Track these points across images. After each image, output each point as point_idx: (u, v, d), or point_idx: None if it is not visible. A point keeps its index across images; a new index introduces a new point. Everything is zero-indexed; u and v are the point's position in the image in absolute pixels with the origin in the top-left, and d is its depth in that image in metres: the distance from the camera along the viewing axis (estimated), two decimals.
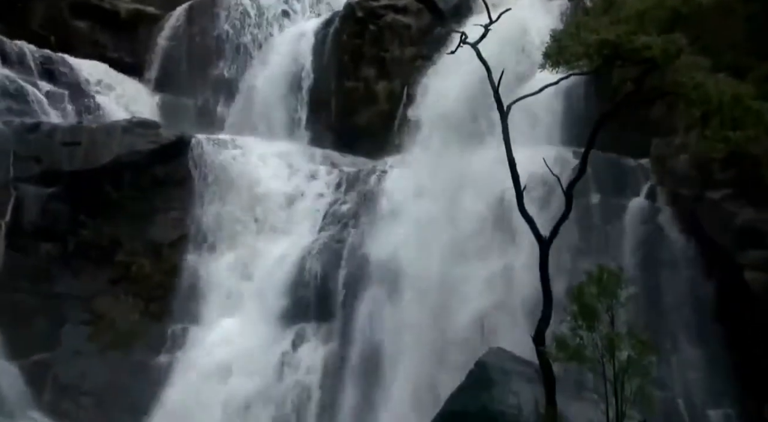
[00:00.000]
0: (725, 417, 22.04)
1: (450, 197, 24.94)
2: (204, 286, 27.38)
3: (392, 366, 23.88)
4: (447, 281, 23.92)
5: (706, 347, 22.61)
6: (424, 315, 23.83)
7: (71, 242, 27.92)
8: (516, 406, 16.96)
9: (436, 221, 24.75)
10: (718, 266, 22.99)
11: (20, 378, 26.16)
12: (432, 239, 24.70)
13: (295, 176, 29.04)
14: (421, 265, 24.54)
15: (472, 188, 24.68)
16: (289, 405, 24.95)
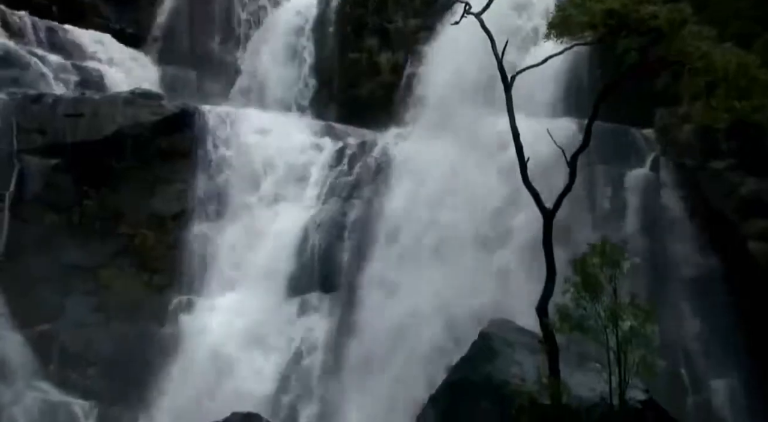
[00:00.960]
0: (728, 387, 22.18)
1: (455, 168, 24.90)
2: (208, 258, 27.42)
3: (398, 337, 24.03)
4: (452, 253, 23.96)
5: (709, 317, 22.71)
6: (429, 286, 23.90)
7: (75, 214, 27.96)
8: (519, 376, 17.03)
9: (442, 192, 24.73)
10: (721, 236, 23.04)
11: (26, 348, 26.32)
12: (438, 210, 24.71)
13: (299, 148, 28.96)
14: (427, 237, 24.58)
15: (477, 159, 24.63)
16: (293, 373, 25.11)
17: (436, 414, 17.35)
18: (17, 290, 26.47)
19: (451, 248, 24.27)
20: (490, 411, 16.83)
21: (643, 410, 16.66)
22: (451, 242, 24.36)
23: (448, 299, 23.34)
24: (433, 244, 24.72)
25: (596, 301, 15.95)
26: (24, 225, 27.31)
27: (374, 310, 24.62)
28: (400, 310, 24.14)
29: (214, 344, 25.69)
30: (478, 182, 24.62)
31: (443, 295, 23.47)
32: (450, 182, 25.07)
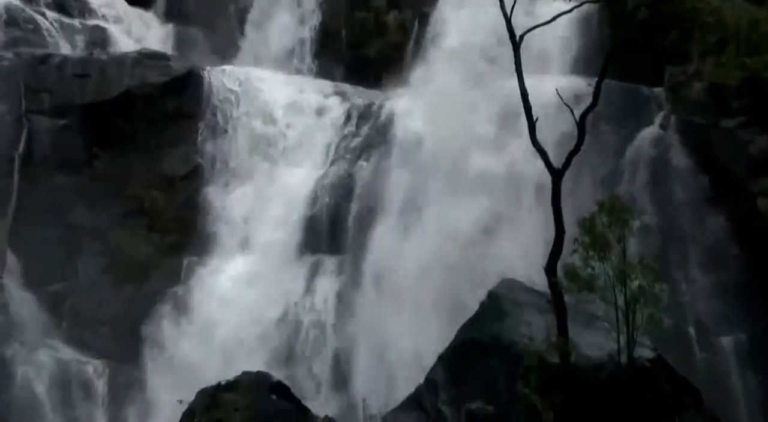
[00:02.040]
0: (736, 343, 22.24)
1: (463, 129, 24.81)
2: (217, 219, 27.47)
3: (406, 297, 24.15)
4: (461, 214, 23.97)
5: (718, 274, 22.74)
6: (438, 246, 23.95)
7: (85, 175, 28.00)
8: (528, 336, 17.13)
9: (450, 152, 24.68)
10: (730, 194, 22.99)
11: (38, 308, 26.53)
12: (446, 172, 24.68)
13: (306, 108, 28.87)
14: (435, 198, 24.58)
15: (486, 120, 24.55)
16: (303, 333, 25.27)
17: (445, 373, 17.48)
18: (28, 251, 26.61)
19: (457, 207, 24.28)
20: (498, 370, 16.96)
21: (650, 368, 16.77)
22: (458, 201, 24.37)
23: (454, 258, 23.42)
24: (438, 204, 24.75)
25: (604, 260, 16.03)
26: (34, 186, 27.38)
27: (382, 271, 24.77)
28: (408, 271, 24.28)
29: (225, 304, 25.85)
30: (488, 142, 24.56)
31: (450, 255, 23.56)
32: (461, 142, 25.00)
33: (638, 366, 16.25)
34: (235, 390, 15.33)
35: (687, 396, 16.84)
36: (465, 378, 17.23)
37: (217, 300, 25.98)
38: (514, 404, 16.44)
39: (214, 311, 25.81)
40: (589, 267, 15.95)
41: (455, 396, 16.96)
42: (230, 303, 25.77)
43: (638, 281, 16.04)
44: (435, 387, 17.29)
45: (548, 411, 15.99)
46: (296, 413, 14.97)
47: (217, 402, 15.25)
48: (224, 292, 26.06)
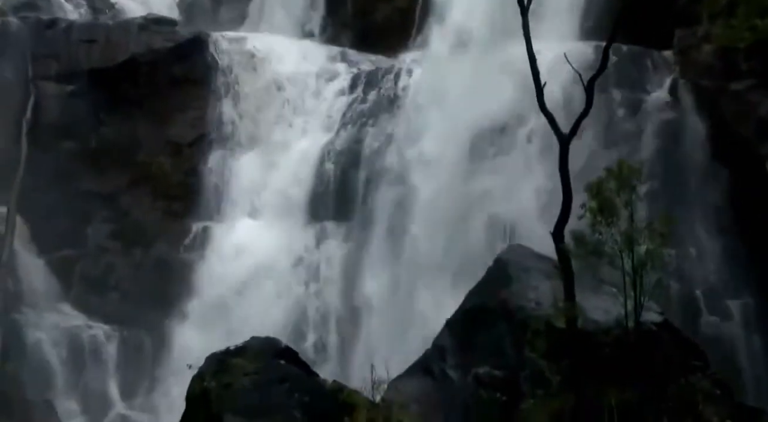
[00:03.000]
0: (744, 307, 22.31)
1: (473, 94, 24.68)
2: (224, 185, 27.53)
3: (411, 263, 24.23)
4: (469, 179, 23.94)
5: (726, 238, 22.75)
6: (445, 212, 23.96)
7: (92, 141, 28.06)
8: (535, 301, 17.17)
9: (458, 118, 24.58)
10: (739, 158, 22.91)
11: (48, 273, 26.70)
12: (454, 136, 24.61)
13: (314, 74, 28.76)
14: (443, 162, 24.54)
15: (495, 84, 24.40)
16: (310, 299, 25.39)
17: (452, 338, 17.54)
18: (38, 217, 26.76)
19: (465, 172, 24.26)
20: (506, 335, 17.01)
21: (657, 332, 16.77)
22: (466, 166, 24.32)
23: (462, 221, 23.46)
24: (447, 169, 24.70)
25: (612, 225, 15.99)
26: (42, 152, 27.45)
27: (388, 237, 24.80)
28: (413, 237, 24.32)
29: (232, 270, 25.97)
30: (497, 107, 24.42)
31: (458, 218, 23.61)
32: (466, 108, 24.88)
33: (645, 330, 16.25)
34: (243, 355, 15.39)
35: (694, 359, 16.86)
36: (472, 343, 17.30)
37: (223, 266, 26.10)
38: (522, 369, 16.52)
39: (220, 276, 25.95)
40: (596, 232, 15.92)
41: (462, 361, 17.03)
42: (236, 269, 25.89)
43: (646, 245, 16.00)
44: (442, 353, 17.36)
45: (555, 376, 16.08)
46: (305, 378, 15.02)
47: (226, 367, 15.32)
48: (231, 258, 26.17)
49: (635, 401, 15.34)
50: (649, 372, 15.87)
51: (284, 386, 14.80)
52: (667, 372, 16.09)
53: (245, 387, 14.82)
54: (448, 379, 17.00)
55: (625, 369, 15.72)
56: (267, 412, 14.44)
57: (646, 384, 15.57)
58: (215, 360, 15.63)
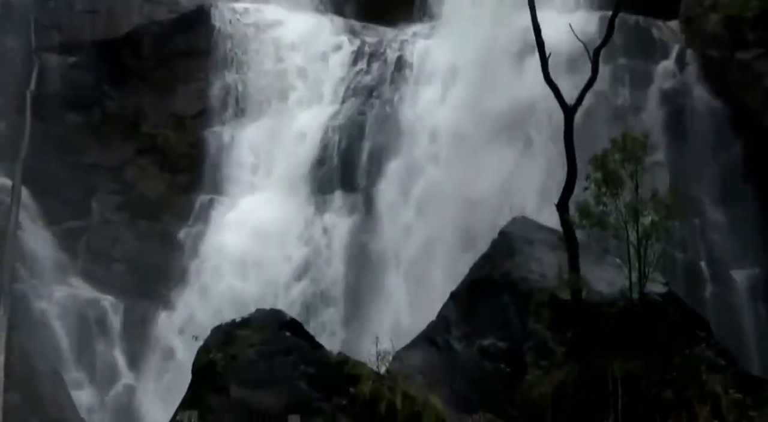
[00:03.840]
0: (748, 277, 22.35)
1: (480, 66, 24.57)
2: (229, 158, 27.52)
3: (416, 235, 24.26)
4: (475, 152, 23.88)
5: (731, 208, 22.76)
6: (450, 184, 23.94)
7: (96, 113, 28.02)
8: (539, 272, 17.20)
9: (464, 90, 24.50)
10: (745, 128, 22.87)
11: (54, 245, 26.76)
12: (459, 109, 24.53)
13: (317, 46, 28.62)
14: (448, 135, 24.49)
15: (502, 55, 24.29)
16: (315, 272, 25.43)
17: (457, 310, 17.59)
18: (43, 189, 26.76)
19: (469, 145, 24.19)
20: (510, 307, 17.07)
21: (662, 303, 16.80)
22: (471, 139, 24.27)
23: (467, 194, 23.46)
24: (451, 142, 24.67)
25: (617, 197, 15.99)
26: (46, 125, 27.43)
27: (393, 209, 24.83)
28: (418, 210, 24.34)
29: (237, 243, 26.00)
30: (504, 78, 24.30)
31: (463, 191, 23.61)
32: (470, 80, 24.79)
33: (649, 301, 16.29)
34: (249, 327, 15.46)
35: (698, 330, 16.89)
36: (477, 314, 17.35)
37: (228, 239, 26.13)
38: (526, 340, 16.58)
39: (225, 248, 26.00)
40: (601, 204, 15.93)
41: (467, 333, 17.09)
42: (241, 241, 25.93)
43: (650, 216, 16.01)
44: (447, 324, 17.41)
45: (559, 347, 16.14)
46: (310, 349, 15.09)
47: (231, 339, 15.40)
48: (236, 230, 26.20)
49: (639, 371, 15.39)
50: (653, 342, 15.91)
51: (289, 357, 14.87)
52: (672, 342, 16.13)
53: (251, 358, 14.90)
54: (453, 351, 17.06)
55: (629, 340, 15.77)
56: (273, 383, 14.54)
57: (650, 355, 15.61)
58: (221, 332, 15.71)
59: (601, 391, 15.00)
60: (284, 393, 14.18)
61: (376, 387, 13.69)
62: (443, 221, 23.67)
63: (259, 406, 14.06)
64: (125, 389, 25.47)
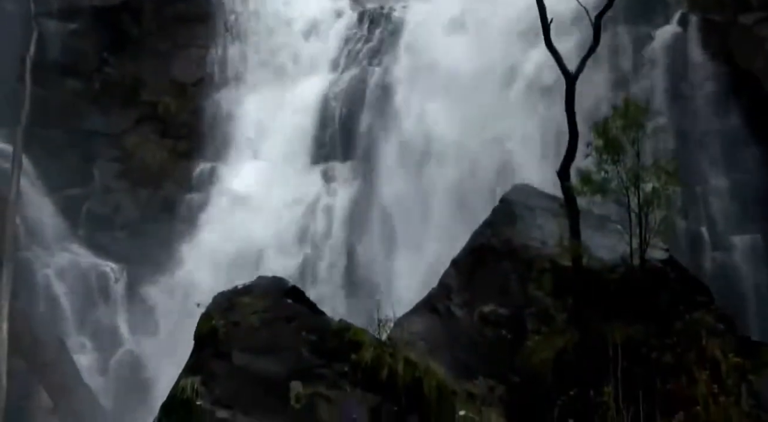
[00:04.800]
0: (750, 242, 22.35)
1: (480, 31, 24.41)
2: (230, 125, 27.49)
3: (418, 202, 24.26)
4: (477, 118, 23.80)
5: (733, 174, 22.72)
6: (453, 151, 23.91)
7: (96, 80, 28.00)
8: (540, 239, 17.16)
9: (466, 56, 24.35)
10: (748, 93, 22.77)
11: (56, 212, 26.80)
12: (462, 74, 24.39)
13: (318, 13, 28.47)
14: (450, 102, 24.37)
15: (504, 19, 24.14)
16: (316, 239, 25.48)
17: (458, 277, 17.59)
18: (44, 156, 26.79)
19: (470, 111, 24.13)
20: (511, 274, 17.08)
21: (662, 269, 16.79)
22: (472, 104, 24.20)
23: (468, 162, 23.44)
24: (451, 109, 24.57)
25: (618, 164, 15.94)
26: (46, 91, 27.41)
27: (394, 177, 24.80)
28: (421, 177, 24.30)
29: (238, 210, 26.04)
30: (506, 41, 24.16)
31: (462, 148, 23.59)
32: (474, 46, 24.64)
33: (650, 268, 16.28)
34: (251, 294, 15.47)
35: (698, 295, 16.88)
36: (478, 281, 17.35)
37: (230, 206, 26.17)
38: (526, 307, 16.60)
39: (226, 216, 26.05)
40: (602, 171, 15.88)
41: (468, 300, 17.10)
42: (242, 209, 25.96)
43: (652, 183, 15.98)
44: (448, 291, 17.43)
45: (560, 313, 16.17)
46: (312, 316, 15.13)
47: (233, 306, 15.41)
48: (237, 198, 26.23)
49: (639, 337, 15.43)
50: (653, 308, 15.94)
51: (292, 324, 14.89)
52: (672, 308, 16.15)
53: (253, 325, 14.91)
54: (454, 317, 17.09)
55: (630, 306, 15.79)
56: (275, 350, 14.57)
57: (650, 321, 15.64)
58: (223, 299, 15.72)
59: (602, 357, 15.04)
60: (286, 360, 14.22)
61: (377, 354, 13.73)
62: (444, 187, 23.67)
63: (261, 372, 14.12)
64: (128, 355, 25.66)
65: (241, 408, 13.42)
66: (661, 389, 14.32)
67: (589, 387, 14.28)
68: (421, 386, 13.46)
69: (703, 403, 13.83)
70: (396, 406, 13.37)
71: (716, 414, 13.83)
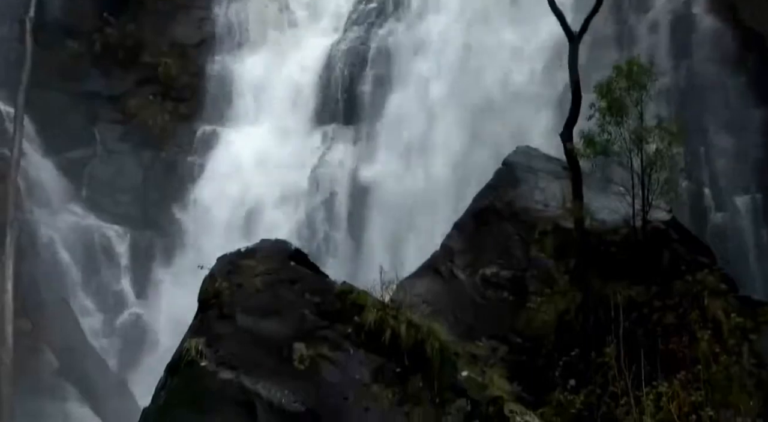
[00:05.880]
0: (752, 202, 22.35)
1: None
2: (232, 87, 27.38)
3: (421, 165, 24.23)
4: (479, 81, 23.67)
5: (736, 134, 22.65)
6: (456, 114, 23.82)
7: (97, 41, 27.81)
8: (542, 202, 17.20)
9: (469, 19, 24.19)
10: (752, 52, 22.63)
11: (58, 174, 26.81)
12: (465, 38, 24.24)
13: None
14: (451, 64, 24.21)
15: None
16: (318, 202, 25.49)
17: (460, 240, 17.63)
18: (46, 118, 26.76)
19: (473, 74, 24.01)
20: (513, 236, 17.12)
21: (665, 230, 16.83)
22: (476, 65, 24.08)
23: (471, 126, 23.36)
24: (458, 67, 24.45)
25: (621, 125, 15.89)
26: (47, 52, 27.28)
27: (396, 140, 24.75)
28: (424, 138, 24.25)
29: (239, 173, 26.04)
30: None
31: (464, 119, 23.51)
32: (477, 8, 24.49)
33: (652, 229, 16.31)
34: (254, 257, 15.49)
35: (700, 256, 16.94)
36: (480, 244, 17.39)
37: (231, 168, 26.16)
38: (529, 268, 16.68)
39: (228, 179, 26.05)
40: (605, 132, 15.84)
41: (471, 262, 17.15)
42: (244, 172, 25.96)
43: (655, 144, 15.93)
44: (451, 254, 17.46)
45: (562, 275, 16.24)
46: (315, 279, 15.18)
47: (236, 268, 15.43)
48: (238, 160, 26.21)
49: (641, 298, 15.49)
50: (655, 269, 15.99)
51: (295, 286, 14.92)
52: (674, 269, 16.20)
53: (257, 287, 14.94)
54: (457, 280, 17.15)
55: (632, 267, 15.85)
56: (278, 312, 14.62)
57: (652, 282, 15.70)
58: (226, 261, 15.75)
59: (603, 318, 15.12)
60: (289, 322, 14.26)
61: (380, 316, 13.77)
62: (446, 151, 23.64)
63: (264, 334, 14.18)
64: (133, 317, 25.80)
65: (245, 369, 13.50)
66: (663, 349, 14.42)
67: (591, 348, 14.38)
68: (424, 347, 13.51)
69: (705, 363, 13.90)
70: (399, 367, 13.44)
71: (718, 373, 13.90)
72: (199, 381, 13.38)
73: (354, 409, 13.05)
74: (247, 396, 13.15)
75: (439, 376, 13.32)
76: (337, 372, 13.40)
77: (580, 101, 16.50)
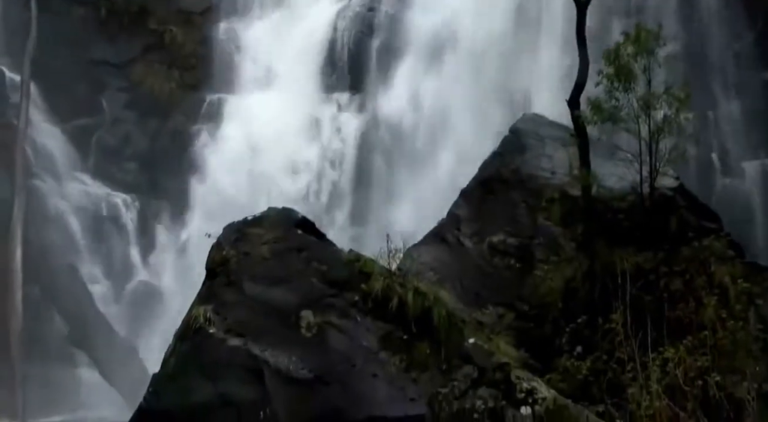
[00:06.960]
0: (760, 168, 22.31)
1: None
2: (238, 56, 27.28)
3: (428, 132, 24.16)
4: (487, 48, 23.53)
5: (745, 99, 22.58)
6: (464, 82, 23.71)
7: (103, 8, 27.71)
8: (549, 169, 17.13)
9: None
10: (760, 16, 22.46)
11: (65, 142, 26.84)
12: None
13: None
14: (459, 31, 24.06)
15: None
16: (325, 170, 25.47)
17: (467, 208, 17.61)
18: (52, 85, 26.74)
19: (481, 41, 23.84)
20: (519, 204, 17.10)
21: (672, 197, 16.80)
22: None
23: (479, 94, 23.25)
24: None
25: (629, 91, 15.80)
26: (53, 19, 27.21)
27: (402, 108, 24.66)
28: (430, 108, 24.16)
29: (246, 141, 26.01)
30: None
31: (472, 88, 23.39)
32: None
33: (660, 195, 16.29)
34: (261, 225, 15.50)
35: (707, 222, 16.93)
36: (487, 212, 17.37)
37: (238, 136, 26.13)
38: (536, 236, 16.67)
39: (235, 146, 26.02)
40: (613, 99, 15.76)
41: (477, 230, 17.13)
42: (251, 140, 25.93)
43: (663, 110, 15.85)
44: (457, 222, 17.45)
45: (569, 242, 16.23)
46: (321, 246, 15.20)
47: (244, 236, 15.45)
48: (245, 128, 26.17)
49: (648, 265, 15.50)
50: (662, 236, 15.98)
51: (302, 254, 14.93)
52: (681, 235, 16.19)
53: (264, 255, 14.95)
54: (463, 247, 17.15)
55: (639, 234, 15.84)
56: (285, 280, 14.65)
57: (659, 248, 15.70)
58: (233, 230, 15.77)
59: (610, 284, 15.14)
60: (297, 290, 14.28)
61: (387, 284, 13.78)
62: (453, 119, 23.56)
63: (272, 302, 14.22)
64: (141, 285, 25.94)
65: (253, 337, 13.55)
66: (670, 315, 14.42)
67: (598, 315, 14.41)
68: (431, 315, 13.54)
69: (711, 328, 13.94)
70: (406, 335, 13.49)
71: (724, 338, 13.95)
72: (207, 348, 13.45)
73: (361, 376, 13.11)
74: (255, 362, 13.20)
75: (446, 343, 13.35)
76: (344, 339, 13.45)
77: (587, 67, 16.37)
